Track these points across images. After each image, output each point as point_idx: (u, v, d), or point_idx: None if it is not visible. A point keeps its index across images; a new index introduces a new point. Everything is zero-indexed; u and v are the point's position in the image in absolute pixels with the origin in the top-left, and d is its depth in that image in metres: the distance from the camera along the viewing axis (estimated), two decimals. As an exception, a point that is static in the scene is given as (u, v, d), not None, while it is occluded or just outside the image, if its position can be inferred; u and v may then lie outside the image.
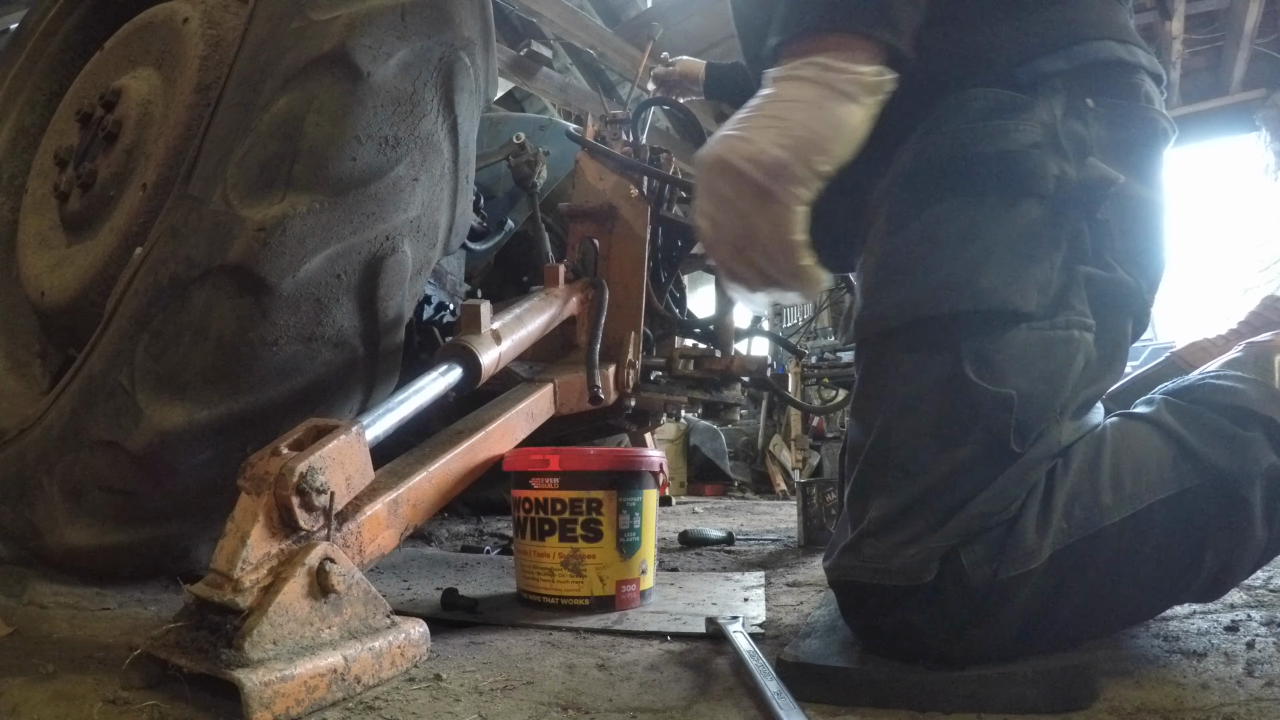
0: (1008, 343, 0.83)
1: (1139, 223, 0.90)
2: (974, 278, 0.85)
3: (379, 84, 1.15)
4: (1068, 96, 0.89)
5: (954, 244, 0.87)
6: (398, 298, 1.24)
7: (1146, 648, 0.91)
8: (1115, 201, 0.87)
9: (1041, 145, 0.87)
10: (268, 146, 1.10)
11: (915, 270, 0.89)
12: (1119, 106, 0.90)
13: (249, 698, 0.67)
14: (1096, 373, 0.87)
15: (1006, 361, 0.83)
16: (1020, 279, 0.84)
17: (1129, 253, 0.89)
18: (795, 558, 1.76)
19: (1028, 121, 0.87)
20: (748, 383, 2.11)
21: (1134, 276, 0.89)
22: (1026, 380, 0.82)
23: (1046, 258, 0.85)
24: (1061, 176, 0.86)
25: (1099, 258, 0.87)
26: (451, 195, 1.30)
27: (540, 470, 1.18)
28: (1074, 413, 0.86)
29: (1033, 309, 0.84)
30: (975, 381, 0.82)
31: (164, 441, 1.12)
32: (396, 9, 1.17)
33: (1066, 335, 0.84)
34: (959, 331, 0.84)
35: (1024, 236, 0.86)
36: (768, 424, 5.99)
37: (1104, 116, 0.89)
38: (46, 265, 1.51)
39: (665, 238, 2.00)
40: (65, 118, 1.65)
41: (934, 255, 0.88)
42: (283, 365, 1.15)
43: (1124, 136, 0.90)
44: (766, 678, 0.78)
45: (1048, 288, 0.85)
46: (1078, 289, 0.86)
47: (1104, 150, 0.88)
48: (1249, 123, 6.52)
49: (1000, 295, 0.84)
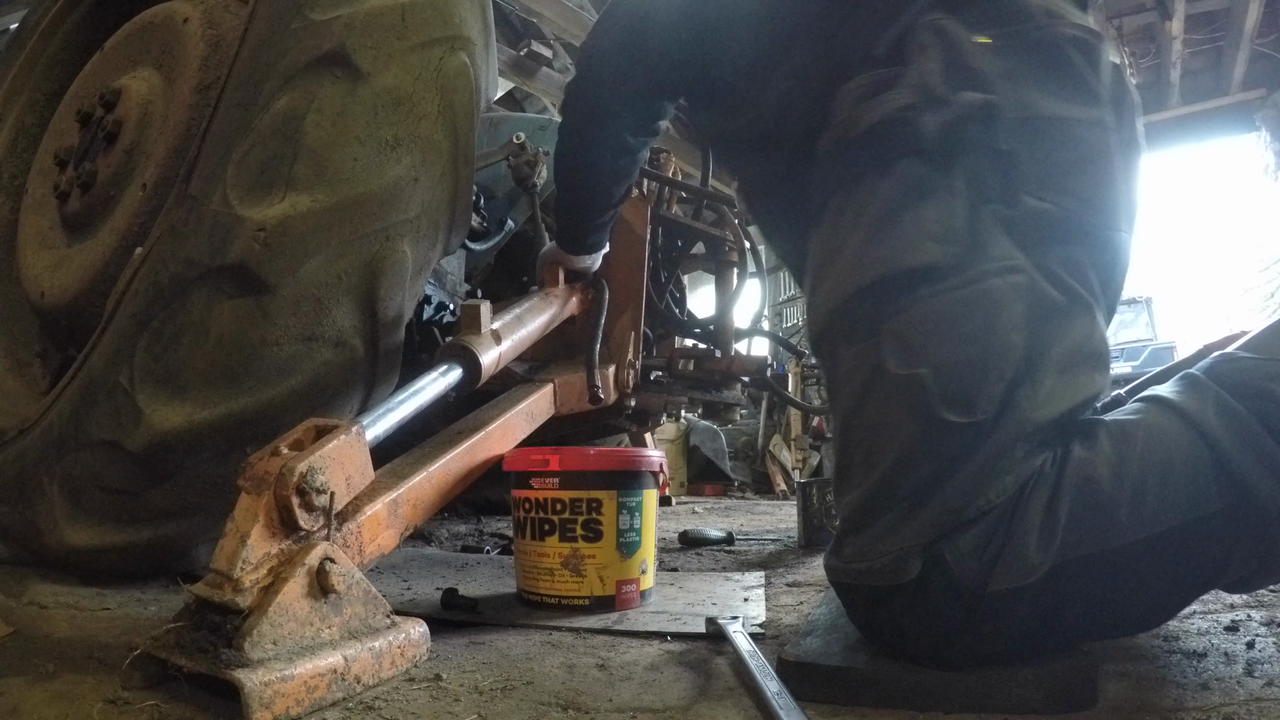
0: (922, 313, 0.79)
1: (1060, 146, 0.83)
2: (865, 252, 0.84)
3: (379, 84, 1.15)
4: (943, 48, 0.87)
5: (848, 231, 0.88)
6: (398, 298, 1.24)
7: (1146, 648, 0.91)
8: (1022, 128, 0.82)
9: (915, 105, 0.84)
10: (268, 146, 1.10)
11: (828, 266, 0.90)
12: (1013, 34, 0.87)
13: (249, 698, 0.67)
14: (1056, 314, 0.79)
15: (920, 335, 0.79)
16: (909, 236, 0.81)
17: (1052, 179, 0.82)
18: (795, 558, 1.76)
19: (899, 89, 0.87)
20: (748, 383, 2.11)
21: (1058, 203, 0.81)
22: (946, 348, 0.78)
23: (938, 207, 0.81)
24: (942, 127, 0.83)
25: (1007, 194, 0.82)
26: (451, 195, 1.30)
27: (540, 470, 1.18)
28: (1055, 366, 0.78)
29: (934, 262, 0.79)
30: (890, 369, 0.79)
31: (164, 441, 1.12)
32: (396, 9, 1.17)
33: (984, 288, 0.78)
34: (876, 314, 0.82)
35: (906, 195, 0.83)
36: (768, 424, 5.99)
37: (1000, 50, 0.86)
38: (46, 265, 1.51)
39: (665, 238, 2.00)
40: (65, 118, 1.65)
41: (836, 249, 0.89)
42: (283, 365, 1.15)
43: (1027, 61, 0.86)
44: (766, 677, 0.78)
45: (949, 237, 0.80)
46: (991, 232, 0.80)
47: (1006, 80, 0.84)
48: (1249, 123, 6.53)
49: (891, 259, 0.81)
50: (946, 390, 0.76)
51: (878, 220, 0.84)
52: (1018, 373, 0.77)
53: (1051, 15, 0.89)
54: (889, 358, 0.80)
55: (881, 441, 0.81)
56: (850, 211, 0.88)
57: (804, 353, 5.35)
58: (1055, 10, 0.90)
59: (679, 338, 2.08)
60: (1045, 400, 0.77)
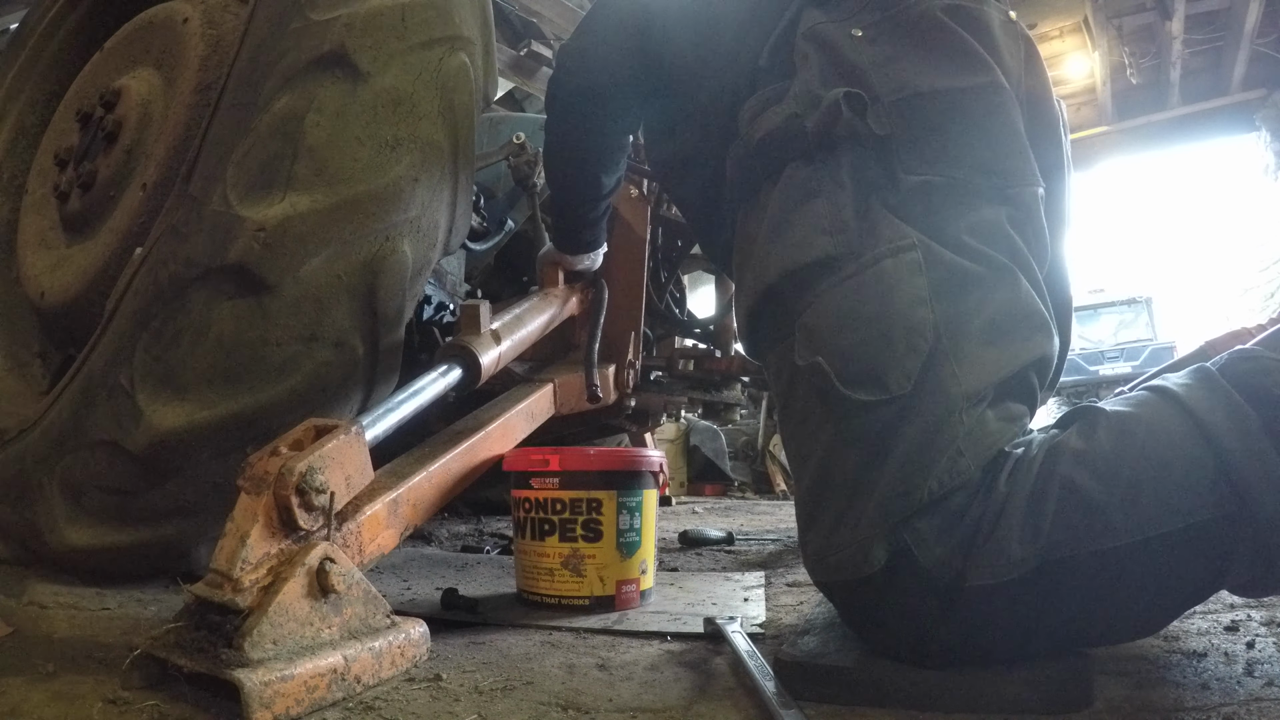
0: (823, 305, 0.82)
1: (948, 116, 0.84)
2: (768, 254, 0.88)
3: (379, 84, 1.15)
4: (819, 52, 0.90)
5: (752, 238, 0.92)
6: (398, 298, 1.24)
7: (1146, 648, 0.91)
8: (899, 109, 0.84)
9: (800, 113, 0.88)
10: (268, 146, 1.10)
11: (743, 274, 0.95)
12: (887, 20, 0.90)
13: (249, 698, 0.67)
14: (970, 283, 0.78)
15: (823, 324, 0.82)
16: (800, 232, 0.85)
17: (936, 152, 0.83)
18: (795, 558, 1.76)
19: (786, 100, 0.91)
20: (748, 383, 2.11)
21: (950, 174, 0.82)
22: (844, 333, 0.80)
23: (825, 202, 0.85)
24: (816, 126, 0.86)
25: (889, 178, 0.83)
26: (451, 195, 1.30)
27: (540, 470, 1.18)
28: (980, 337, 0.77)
29: (827, 253, 0.82)
30: (797, 363, 0.83)
31: (164, 441, 1.12)
32: (396, 9, 1.17)
33: (876, 270, 0.80)
34: (788, 313, 0.86)
35: (794, 196, 0.87)
36: (768, 424, 5.98)
37: (877, 39, 0.89)
38: (46, 265, 1.51)
39: (665, 238, 2.00)
40: (65, 118, 1.65)
41: (744, 256, 0.94)
42: (283, 365, 1.15)
43: (902, 42, 0.88)
44: (765, 678, 0.78)
45: (839, 228, 0.83)
46: (880, 217, 0.82)
47: (886, 66, 0.87)
48: (1249, 123, 6.53)
49: (787, 256, 0.85)
50: (845, 371, 0.78)
51: (773, 224, 0.89)
52: (934, 347, 0.77)
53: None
54: (797, 351, 0.83)
55: (807, 433, 0.84)
56: (752, 222, 0.94)
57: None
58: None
59: (679, 338, 2.09)
60: (972, 370, 0.76)
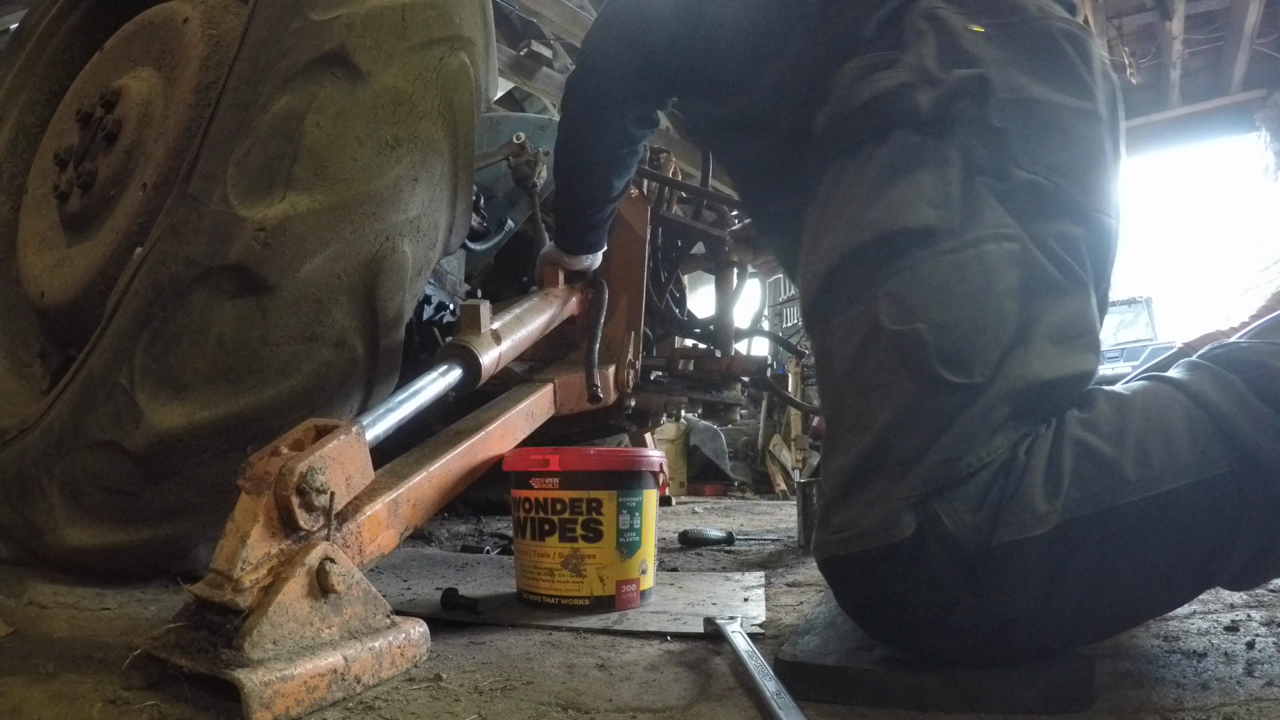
0: (918, 274, 0.81)
1: (1050, 125, 0.87)
2: (863, 213, 0.86)
3: (379, 84, 1.15)
4: (938, 34, 0.90)
5: (845, 197, 0.90)
6: (398, 298, 1.24)
7: (1146, 648, 0.91)
8: (1014, 109, 0.86)
9: (911, 83, 0.88)
10: (268, 146, 1.10)
11: (823, 234, 0.92)
12: (1008, 25, 0.91)
13: (249, 698, 0.67)
14: (1051, 290, 0.81)
15: (918, 294, 0.81)
16: (906, 197, 0.84)
17: (1042, 154, 0.85)
18: (795, 558, 1.76)
19: (896, 69, 0.90)
20: (748, 383, 2.11)
21: (1049, 178, 0.84)
22: (942, 308, 0.79)
23: (933, 174, 0.84)
24: (936, 100, 0.86)
25: (999, 167, 0.85)
26: (451, 195, 1.30)
27: (540, 470, 1.18)
28: (1047, 336, 0.79)
29: (930, 224, 0.82)
30: (886, 326, 0.81)
31: (164, 441, 1.12)
32: (396, 9, 1.17)
33: (978, 252, 0.80)
34: (871, 277, 0.84)
35: (903, 161, 0.86)
36: (768, 424, 5.99)
37: (995, 38, 0.90)
38: (46, 265, 1.51)
39: (665, 238, 2.00)
40: (65, 118, 1.65)
41: (833, 216, 0.91)
42: (283, 365, 1.15)
43: (1020, 48, 0.89)
44: (765, 678, 0.78)
45: (944, 202, 0.83)
46: (985, 200, 0.83)
47: (1001, 65, 0.88)
48: (1249, 123, 6.52)
49: (888, 219, 0.84)
50: (943, 347, 0.77)
51: (874, 184, 0.87)
52: (1011, 340, 0.78)
53: (1043, 10, 0.93)
54: (884, 315, 0.81)
55: (875, 402, 0.81)
56: (847, 178, 0.91)
57: (804, 353, 5.35)
58: (1046, 7, 0.94)
59: (679, 338, 2.08)
60: (1037, 363, 0.78)
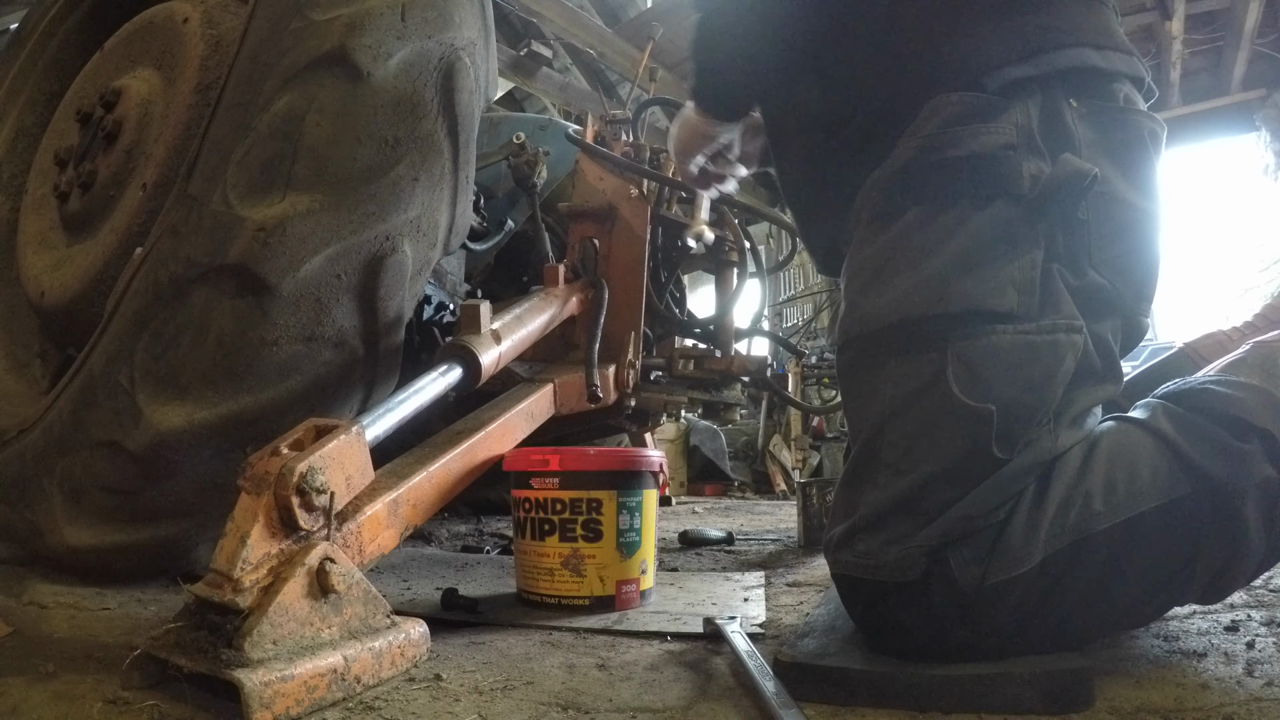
0: (991, 347, 0.83)
1: (1124, 227, 0.89)
2: (949, 280, 0.85)
3: (379, 84, 1.15)
4: (1044, 99, 0.88)
5: (929, 248, 0.88)
6: (398, 298, 1.24)
7: (1146, 648, 0.91)
8: (1097, 202, 0.86)
9: (1016, 146, 0.86)
10: (268, 146, 1.10)
11: (894, 275, 0.90)
12: (1100, 109, 0.90)
13: (249, 698, 0.67)
14: (1091, 378, 0.86)
15: (989, 369, 0.82)
16: (996, 279, 0.84)
17: (1110, 256, 0.88)
18: (795, 558, 1.76)
19: (1001, 124, 0.87)
20: (748, 383, 2.11)
21: (1112, 282, 0.87)
22: (1010, 388, 0.82)
23: (1023, 257, 0.85)
24: (1037, 175, 0.85)
25: (1072, 260, 0.86)
26: (451, 195, 1.30)
27: (540, 470, 1.18)
28: (1071, 420, 0.86)
29: (1012, 308, 0.83)
30: (957, 396, 0.82)
31: (164, 441, 1.12)
32: (396, 9, 1.17)
33: (1052, 340, 0.83)
34: (942, 334, 0.84)
35: (998, 237, 0.86)
36: (768, 424, 5.98)
37: (1088, 118, 0.89)
38: (46, 265, 1.51)
39: (665, 238, 2.00)
40: (65, 118, 1.65)
41: (910, 259, 0.89)
42: (283, 365, 1.15)
43: (1110, 138, 0.89)
44: (765, 678, 0.78)
45: (1027, 287, 0.84)
46: (1060, 292, 0.85)
47: (1091, 150, 0.87)
48: (1249, 123, 6.52)
49: (975, 296, 0.84)
50: (1004, 429, 0.82)
51: (967, 253, 0.86)
52: (1048, 418, 0.84)
53: (1129, 101, 0.93)
54: (955, 381, 0.83)
55: (920, 452, 0.83)
56: (935, 230, 0.88)
57: (804, 352, 5.34)
58: (1131, 96, 0.94)
59: (679, 338, 2.08)
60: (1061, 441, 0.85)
